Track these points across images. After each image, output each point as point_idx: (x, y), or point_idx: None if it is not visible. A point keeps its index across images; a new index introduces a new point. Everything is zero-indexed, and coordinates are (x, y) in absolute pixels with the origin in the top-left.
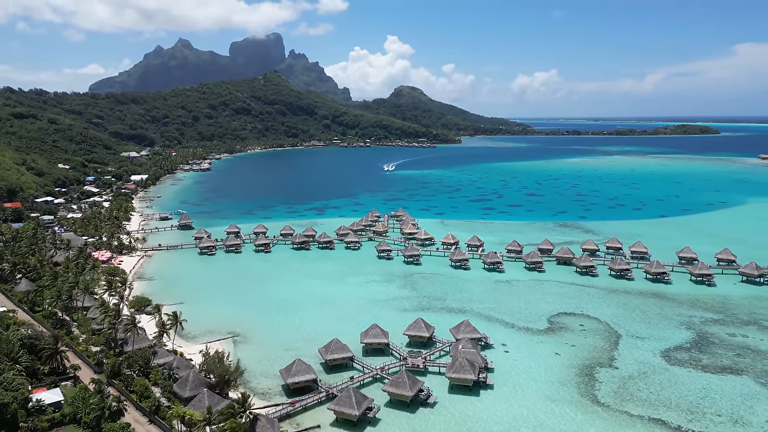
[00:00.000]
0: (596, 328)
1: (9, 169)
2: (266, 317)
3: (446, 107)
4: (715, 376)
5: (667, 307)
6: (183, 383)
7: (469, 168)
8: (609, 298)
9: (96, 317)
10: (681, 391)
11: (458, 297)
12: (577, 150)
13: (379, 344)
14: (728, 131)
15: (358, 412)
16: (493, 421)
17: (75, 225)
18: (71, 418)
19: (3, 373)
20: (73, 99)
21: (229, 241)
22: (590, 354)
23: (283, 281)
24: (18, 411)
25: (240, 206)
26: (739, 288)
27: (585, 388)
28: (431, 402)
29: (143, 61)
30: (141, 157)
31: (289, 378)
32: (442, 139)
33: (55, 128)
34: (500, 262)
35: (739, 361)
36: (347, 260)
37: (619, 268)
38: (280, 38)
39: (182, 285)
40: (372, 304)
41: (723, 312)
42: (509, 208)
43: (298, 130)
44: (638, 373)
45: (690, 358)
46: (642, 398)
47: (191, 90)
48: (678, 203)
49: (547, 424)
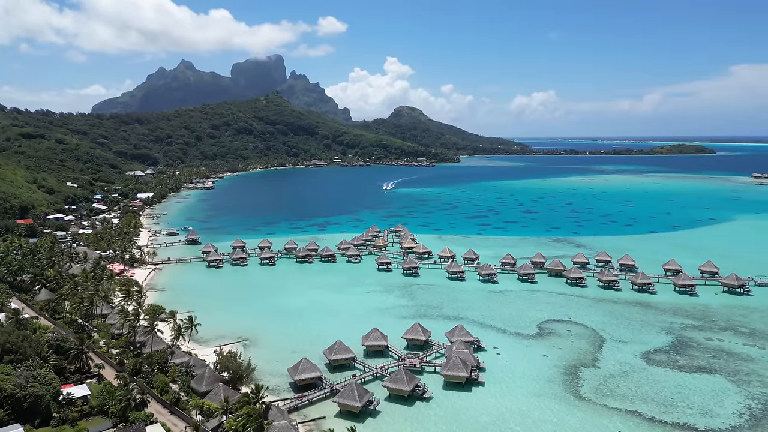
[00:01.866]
0: (582, 333)
1: (21, 187)
2: (273, 323)
3: (445, 127)
4: (690, 375)
5: (651, 314)
6: (199, 379)
7: (466, 186)
8: (596, 307)
9: (115, 323)
10: (657, 388)
11: (454, 305)
12: (573, 169)
13: (379, 346)
14: (724, 150)
15: (360, 404)
16: (483, 413)
17: (88, 240)
18: (98, 410)
19: (35, 369)
20: (78, 119)
21: (235, 255)
22: (575, 356)
23: (288, 292)
24: (51, 403)
25: (244, 223)
26: (720, 297)
27: (569, 385)
28: (427, 397)
29: (146, 82)
30: (146, 176)
31: (296, 375)
32: (441, 158)
33: (63, 148)
34: (494, 273)
35: (714, 362)
36: (349, 272)
37: (607, 279)
38: (281, 59)
39: (192, 295)
40: (372, 312)
41: (702, 319)
42: (505, 224)
43: (299, 149)
44: (619, 372)
45: (668, 359)
46: (620, 393)
47: (194, 110)
48: (668, 220)
49: (532, 415)
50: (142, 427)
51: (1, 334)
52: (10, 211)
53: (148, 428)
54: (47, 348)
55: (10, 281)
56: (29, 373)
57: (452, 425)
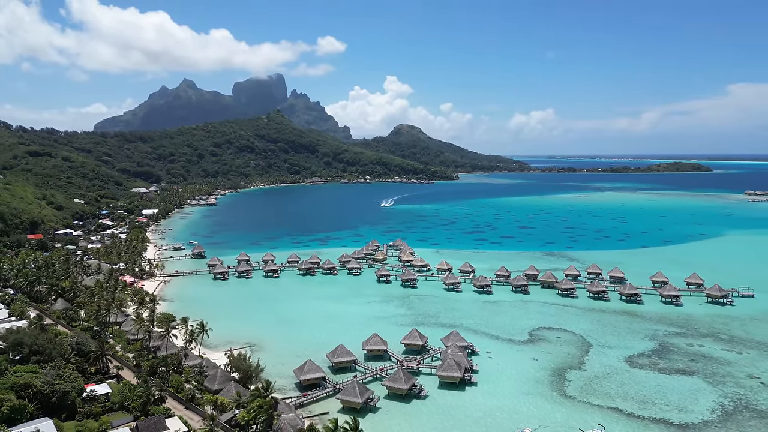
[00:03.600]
0: (571, 339)
1: (31, 203)
2: (278, 331)
3: (444, 145)
4: (669, 376)
5: (636, 322)
6: (212, 379)
7: (464, 203)
8: (585, 316)
9: (130, 329)
10: (637, 387)
11: (450, 314)
12: (570, 186)
13: (378, 350)
14: (721, 168)
15: (361, 400)
16: (475, 409)
17: (99, 253)
18: (119, 406)
19: (60, 369)
20: (82, 137)
21: (240, 268)
22: (563, 359)
23: (292, 302)
24: (76, 399)
25: (247, 238)
26: (704, 307)
27: (555, 384)
28: (423, 395)
29: (148, 101)
30: (150, 193)
31: (301, 375)
32: (440, 175)
33: (69, 165)
34: (489, 285)
35: (692, 365)
36: (349, 284)
37: (597, 290)
38: (282, 78)
39: (200, 305)
40: (372, 320)
41: (685, 327)
42: (501, 239)
43: (300, 167)
44: (603, 373)
45: (649, 362)
46: (603, 392)
47: (197, 129)
48: (660, 235)
49: (520, 411)
50: (162, 419)
51: (29, 336)
52: (20, 226)
53: (167, 421)
54: (70, 350)
55: (27, 292)
56: (55, 371)
57: (446, 420)
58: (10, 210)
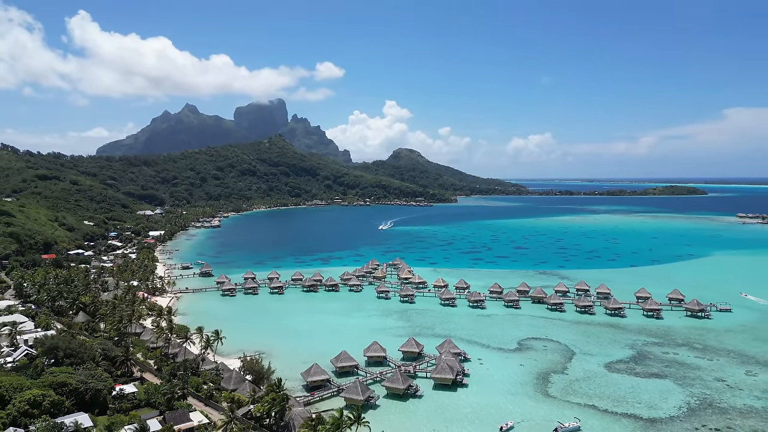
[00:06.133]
0: (556, 348)
1: (44, 224)
2: (284, 341)
3: (443, 168)
4: (643, 379)
5: (618, 333)
6: (227, 380)
7: (462, 224)
8: (571, 328)
9: (149, 338)
10: (613, 388)
11: (445, 326)
12: (566, 209)
13: (378, 357)
14: (717, 192)
15: (363, 397)
16: (465, 406)
17: (113, 272)
18: (146, 403)
19: (92, 370)
20: (88, 161)
21: (247, 285)
22: (548, 365)
23: (296, 315)
24: (107, 396)
25: (252, 258)
26: (682, 320)
27: (539, 386)
28: (419, 395)
29: (150, 125)
30: (155, 215)
31: (308, 378)
32: (438, 198)
33: (77, 189)
34: (483, 300)
35: (666, 370)
36: (351, 300)
37: (583, 305)
38: (283, 103)
39: (210, 318)
40: (372, 332)
41: (663, 337)
42: (496, 258)
43: (301, 190)
44: (583, 377)
45: (626, 367)
46: (582, 392)
47: (200, 153)
48: (649, 255)
49: (505, 408)
50: (185, 412)
51: (63, 341)
52: (35, 246)
53: (191, 414)
54: (99, 354)
55: (49, 306)
56: (87, 372)
57: (438, 415)
58: (25, 231)
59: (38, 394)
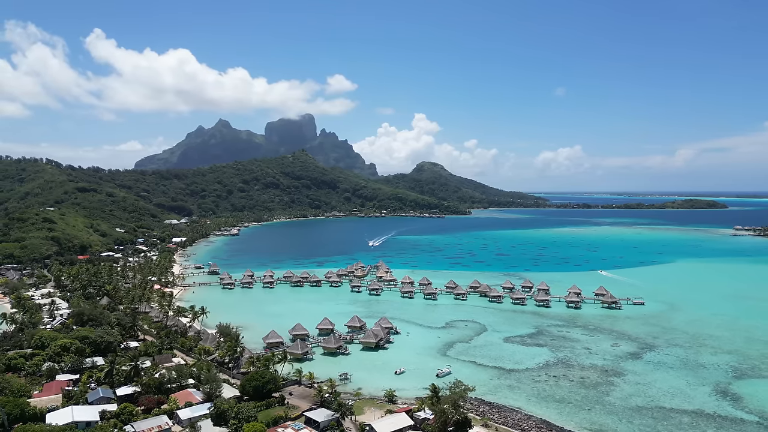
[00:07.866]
0: (474, 326)
1: (81, 231)
2: (262, 319)
3: (465, 181)
4: (526, 347)
5: (534, 318)
6: (206, 340)
7: (461, 234)
8: (498, 314)
9: (154, 315)
10: (498, 352)
11: (396, 312)
12: (573, 221)
13: (326, 329)
14: (741, 206)
15: (301, 352)
16: (379, 360)
17: (134, 268)
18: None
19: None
20: (124, 175)
21: (244, 280)
22: (458, 337)
23: (279, 303)
24: (117, 348)
25: (257, 260)
26: (597, 311)
27: (442, 349)
28: (347, 353)
29: (185, 140)
30: (180, 224)
31: (267, 340)
32: (452, 210)
33: (112, 200)
34: (435, 293)
35: (550, 342)
36: (328, 293)
37: (516, 297)
38: (312, 118)
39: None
40: (338, 315)
41: (568, 321)
42: (474, 263)
43: (321, 201)
44: (480, 345)
45: (520, 339)
46: (472, 354)
47: (227, 167)
48: (616, 262)
49: (414, 362)
50: (169, 356)
51: (88, 309)
52: (72, 249)
53: (173, 359)
54: (114, 321)
55: (81, 292)
56: (104, 330)
57: (358, 364)
58: (65, 236)
59: (67, 342)
